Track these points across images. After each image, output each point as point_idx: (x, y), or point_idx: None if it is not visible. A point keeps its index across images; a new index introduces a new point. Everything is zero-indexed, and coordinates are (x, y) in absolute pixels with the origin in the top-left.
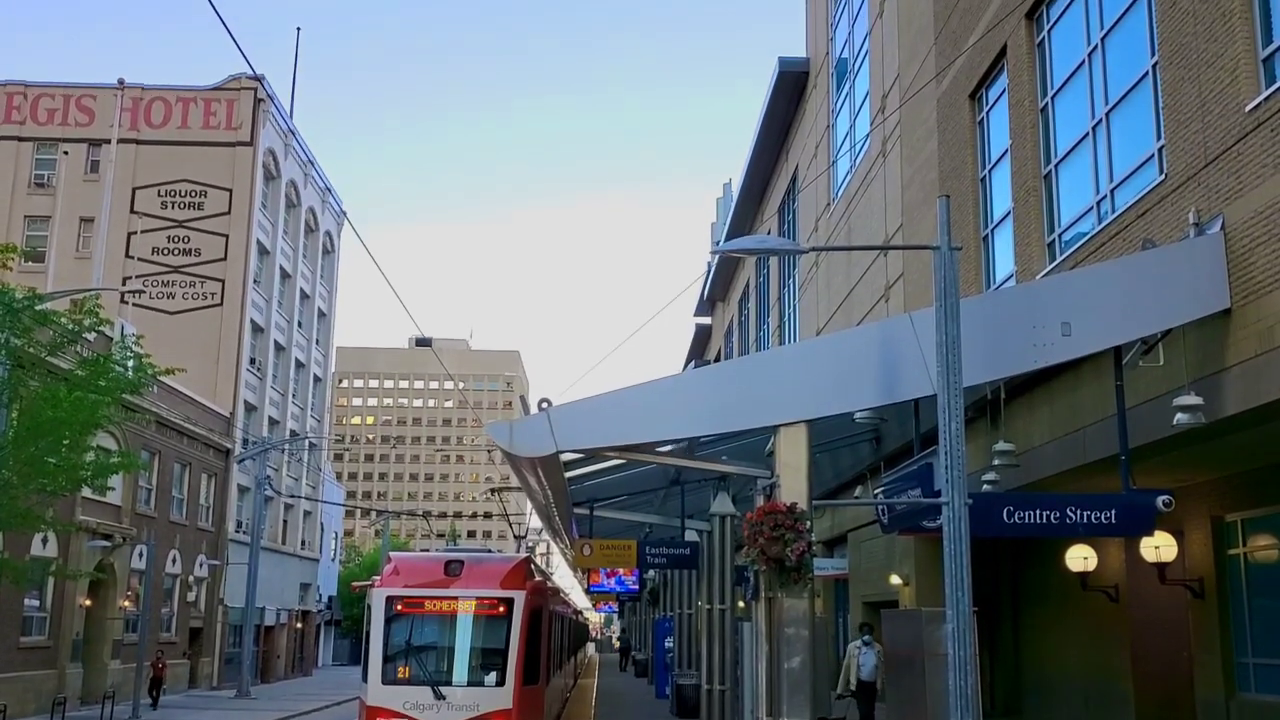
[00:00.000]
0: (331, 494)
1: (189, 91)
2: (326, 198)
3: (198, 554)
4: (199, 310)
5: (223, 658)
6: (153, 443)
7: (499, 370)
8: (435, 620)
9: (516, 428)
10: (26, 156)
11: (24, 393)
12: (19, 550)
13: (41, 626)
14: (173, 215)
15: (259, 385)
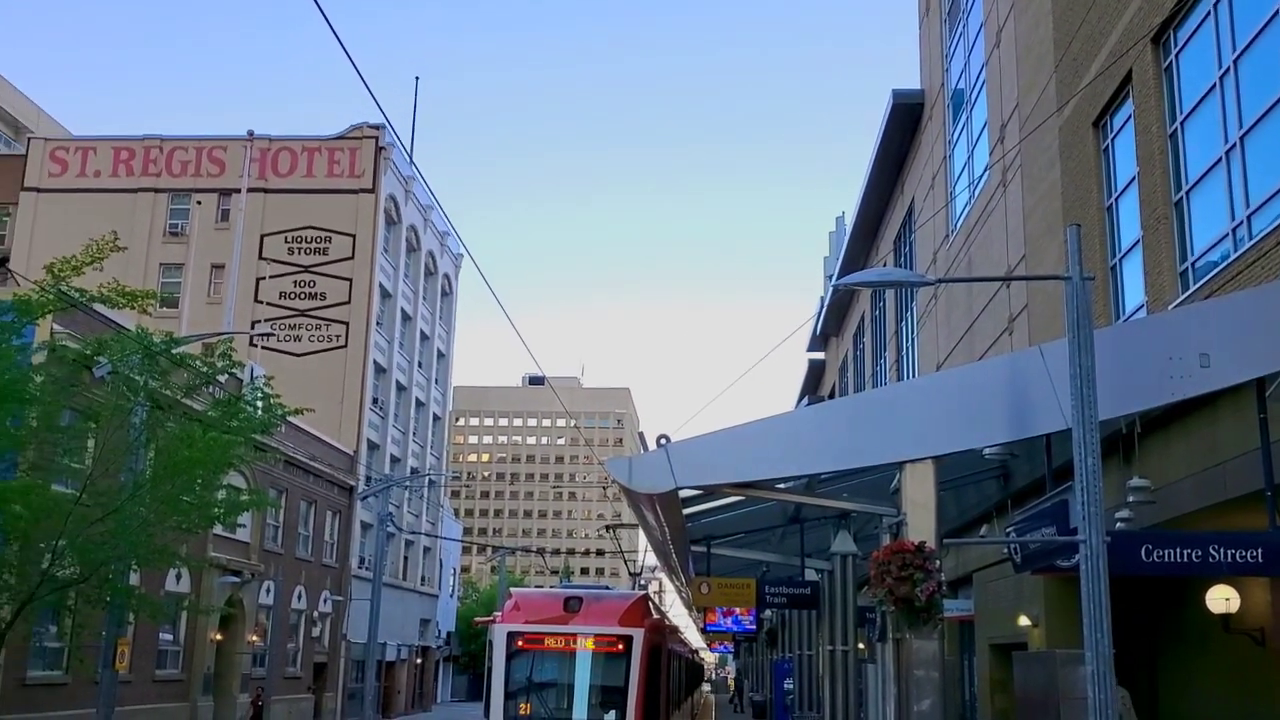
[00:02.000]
0: (450, 530)
1: (314, 141)
2: (445, 241)
3: (322, 590)
4: (324, 352)
5: (346, 693)
6: (280, 481)
7: (610, 407)
8: (555, 657)
9: (635, 464)
10: (162, 207)
11: (161, 433)
12: (154, 586)
13: (175, 660)
14: (299, 261)
15: (381, 424)
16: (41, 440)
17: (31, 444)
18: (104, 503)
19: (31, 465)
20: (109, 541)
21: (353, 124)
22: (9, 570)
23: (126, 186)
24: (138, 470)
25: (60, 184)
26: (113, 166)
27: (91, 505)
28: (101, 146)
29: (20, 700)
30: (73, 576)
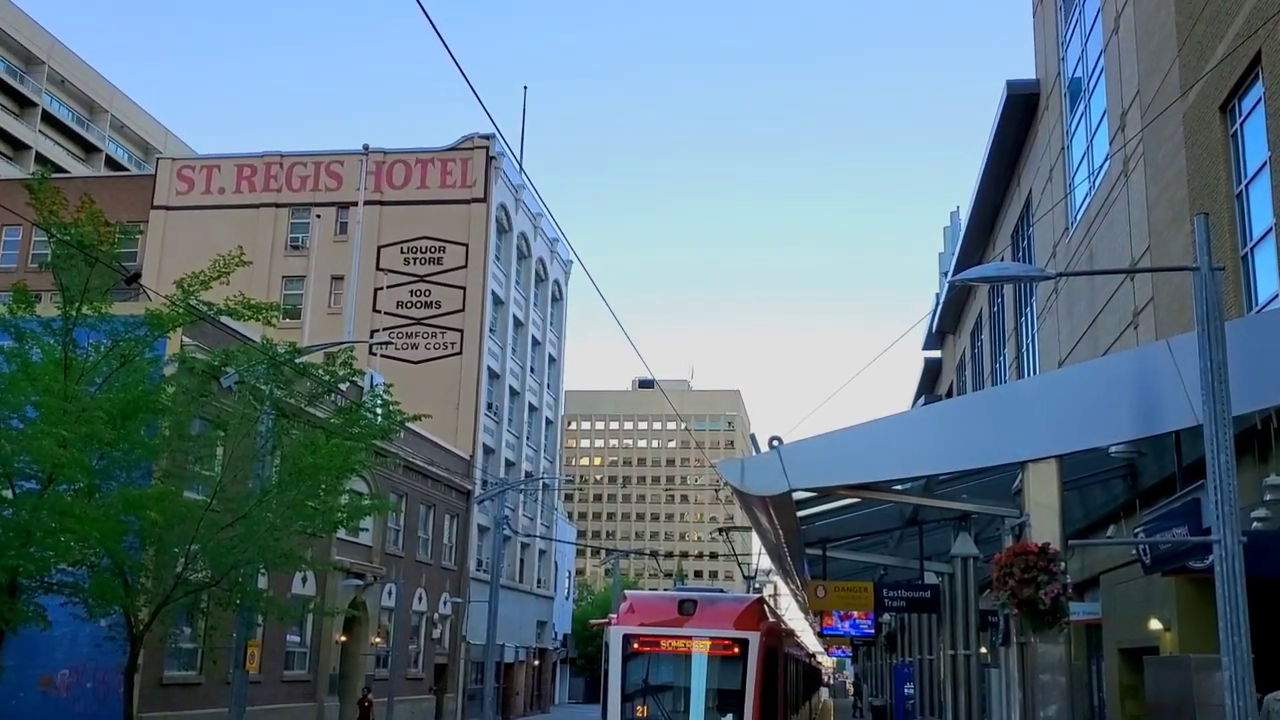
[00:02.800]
0: (564, 533)
1: (426, 153)
2: (554, 248)
3: (442, 592)
4: (440, 359)
5: (466, 694)
6: (400, 485)
7: (720, 410)
8: (671, 660)
9: (748, 466)
10: (283, 221)
11: (286, 441)
12: (282, 589)
13: (303, 661)
14: (414, 270)
15: (496, 429)
16: (174, 449)
17: (165, 453)
18: (233, 508)
19: (165, 473)
20: (239, 546)
21: (464, 135)
22: (146, 574)
23: (249, 202)
24: (265, 476)
25: (187, 202)
26: (236, 183)
27: (222, 511)
28: (225, 164)
29: (158, 699)
30: (205, 580)
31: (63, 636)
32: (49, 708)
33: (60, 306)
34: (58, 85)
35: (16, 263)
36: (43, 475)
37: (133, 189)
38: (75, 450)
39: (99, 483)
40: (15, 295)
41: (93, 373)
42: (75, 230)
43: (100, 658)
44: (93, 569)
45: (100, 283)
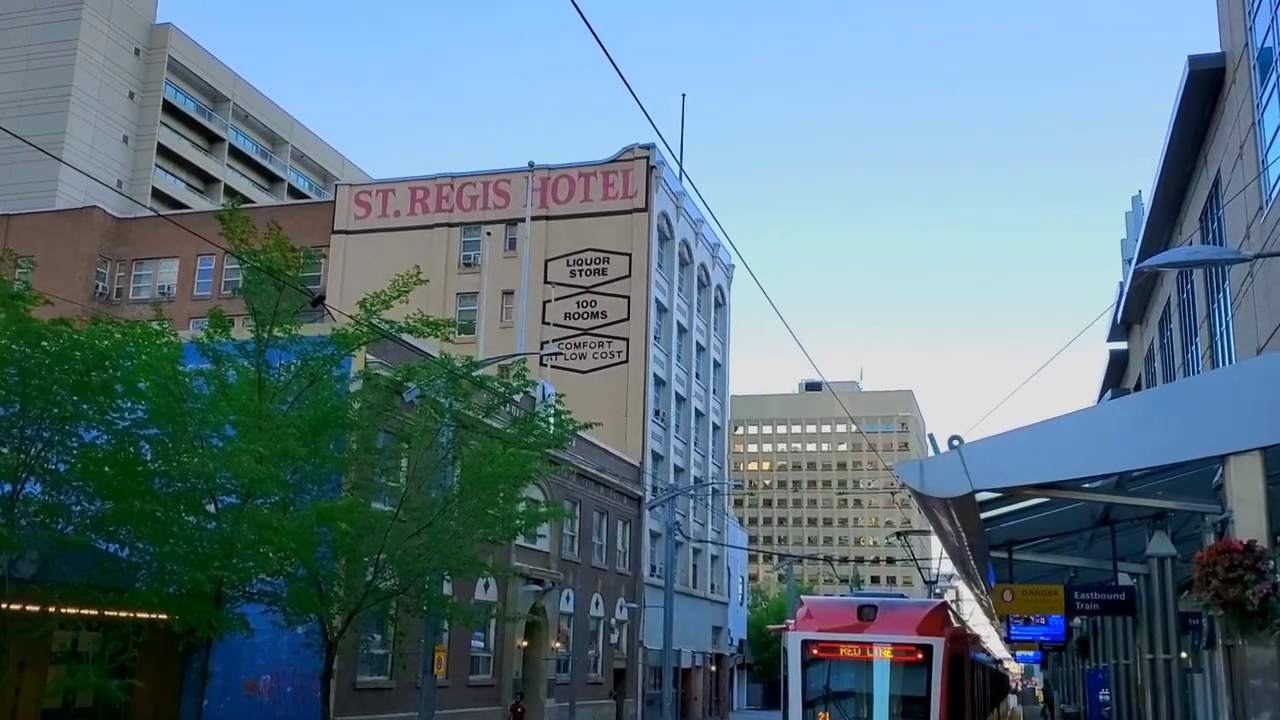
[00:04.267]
0: (735, 538)
1: (589, 167)
2: (716, 253)
3: (617, 597)
4: (607, 368)
5: (644, 699)
6: (574, 493)
7: (892, 411)
8: (852, 666)
9: (927, 467)
10: (456, 240)
11: (466, 451)
12: (465, 595)
13: (486, 666)
14: (580, 282)
15: (664, 435)
16: (361, 462)
17: (353, 466)
18: (418, 518)
19: (353, 485)
20: (424, 554)
21: (624, 146)
22: (339, 583)
23: (423, 223)
24: (446, 486)
25: (364, 225)
26: (410, 206)
27: (407, 520)
28: (399, 188)
29: (353, 703)
30: (393, 587)
31: (264, 644)
32: (253, 711)
33: (253, 330)
34: (242, 120)
35: (211, 290)
36: (242, 490)
37: (314, 215)
38: (271, 466)
39: (293, 496)
40: (212, 320)
41: (284, 392)
42: (265, 257)
43: (299, 663)
44: (289, 578)
45: (289, 306)
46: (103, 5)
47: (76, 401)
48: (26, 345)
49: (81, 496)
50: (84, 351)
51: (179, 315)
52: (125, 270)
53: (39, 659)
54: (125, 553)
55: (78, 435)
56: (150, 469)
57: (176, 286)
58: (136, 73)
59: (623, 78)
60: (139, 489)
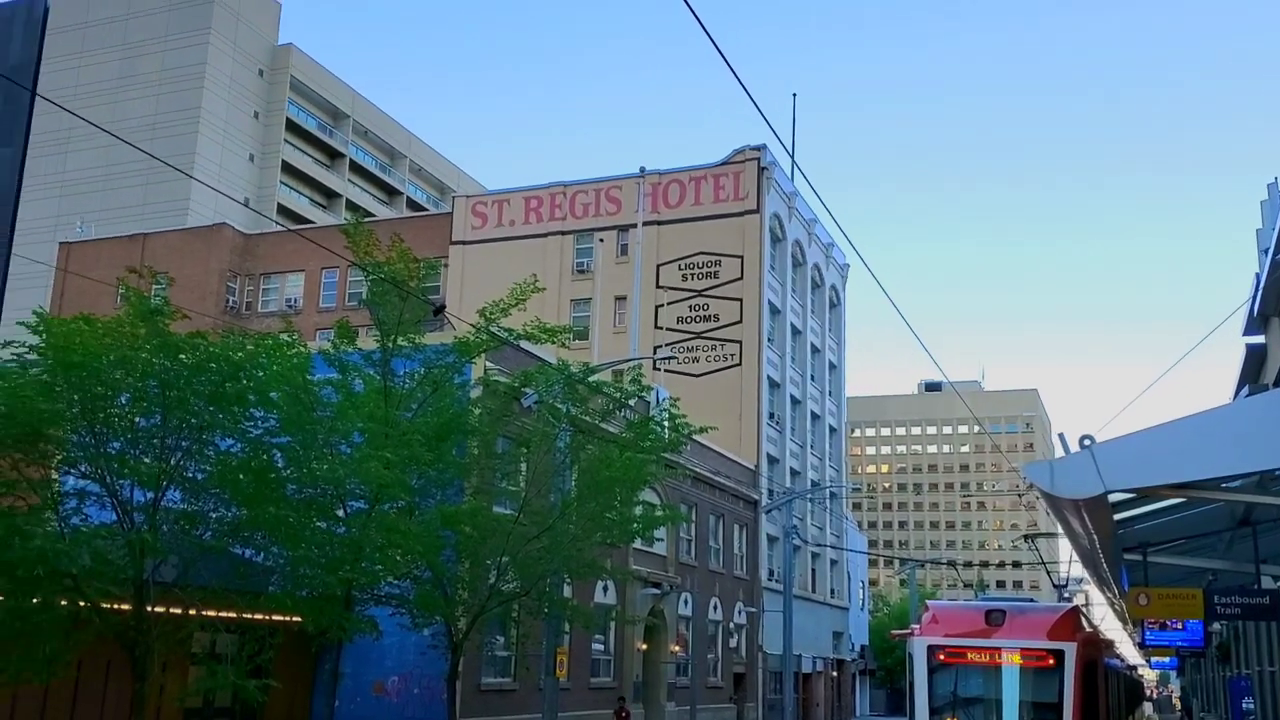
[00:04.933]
0: (854, 542)
1: (699, 170)
2: (829, 253)
3: (735, 601)
4: (720, 371)
5: (765, 704)
6: (689, 496)
7: (1016, 411)
8: (980, 672)
9: (1057, 468)
10: (569, 247)
11: (583, 455)
12: (585, 598)
13: (607, 668)
14: (692, 286)
15: (779, 438)
16: (482, 467)
17: (474, 470)
18: (538, 521)
19: (475, 490)
20: (545, 556)
21: (735, 149)
22: (463, 585)
23: (537, 232)
24: (565, 490)
25: (481, 235)
26: (524, 215)
27: (528, 524)
28: (514, 198)
29: (478, 705)
30: (515, 590)
31: (391, 645)
32: (382, 711)
33: (378, 339)
34: (361, 136)
35: (335, 302)
36: (370, 495)
37: (432, 227)
38: (397, 471)
39: (418, 500)
40: (338, 331)
41: (408, 399)
42: (389, 269)
43: (425, 665)
44: (416, 581)
45: (412, 315)
46: (228, 29)
47: (213, 411)
48: (166, 358)
49: (219, 503)
50: (219, 363)
51: (305, 327)
52: (254, 284)
53: (180, 660)
54: (260, 557)
55: (214, 444)
56: (283, 476)
57: (302, 299)
58: (260, 93)
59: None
60: (272, 495)
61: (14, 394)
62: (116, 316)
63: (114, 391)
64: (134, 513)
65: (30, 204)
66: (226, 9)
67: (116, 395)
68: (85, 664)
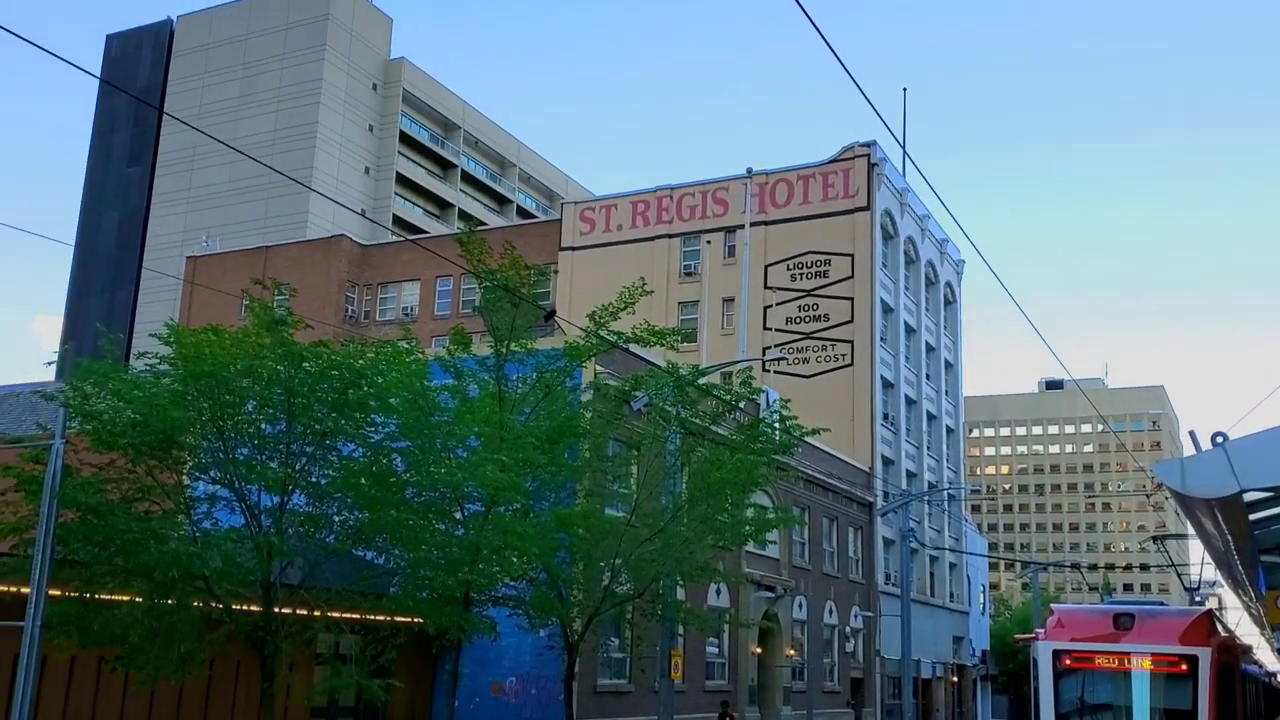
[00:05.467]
0: (974, 545)
1: (807, 169)
2: (944, 249)
3: (851, 605)
4: (832, 372)
5: (884, 709)
6: (802, 499)
7: (1141, 409)
8: (1108, 678)
9: (1189, 466)
10: (676, 250)
11: (693, 458)
12: (698, 600)
13: (721, 671)
14: (802, 286)
15: (893, 439)
16: (594, 469)
17: (587, 473)
18: (650, 523)
19: (588, 492)
20: (657, 559)
21: (844, 145)
22: (577, 587)
23: (644, 236)
24: (676, 493)
25: (589, 240)
26: (631, 219)
27: (640, 526)
28: (621, 203)
29: (594, 706)
30: (629, 592)
31: (509, 646)
32: (500, 712)
33: (491, 345)
34: (472, 146)
35: (449, 309)
36: (486, 498)
37: (541, 234)
38: (512, 474)
39: (532, 503)
40: (453, 338)
41: (522, 403)
42: (501, 275)
43: (542, 666)
44: (532, 583)
45: (523, 321)
46: (342, 45)
47: (335, 418)
48: (290, 367)
49: (342, 507)
50: (341, 371)
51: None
52: (372, 294)
53: (306, 660)
54: (382, 559)
55: (337, 450)
56: (403, 480)
57: (418, 307)
58: (374, 107)
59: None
60: (393, 499)
61: (149, 403)
62: (243, 327)
63: (241, 399)
64: (261, 516)
65: (159, 220)
66: (340, 26)
67: (244, 403)
68: (217, 664)
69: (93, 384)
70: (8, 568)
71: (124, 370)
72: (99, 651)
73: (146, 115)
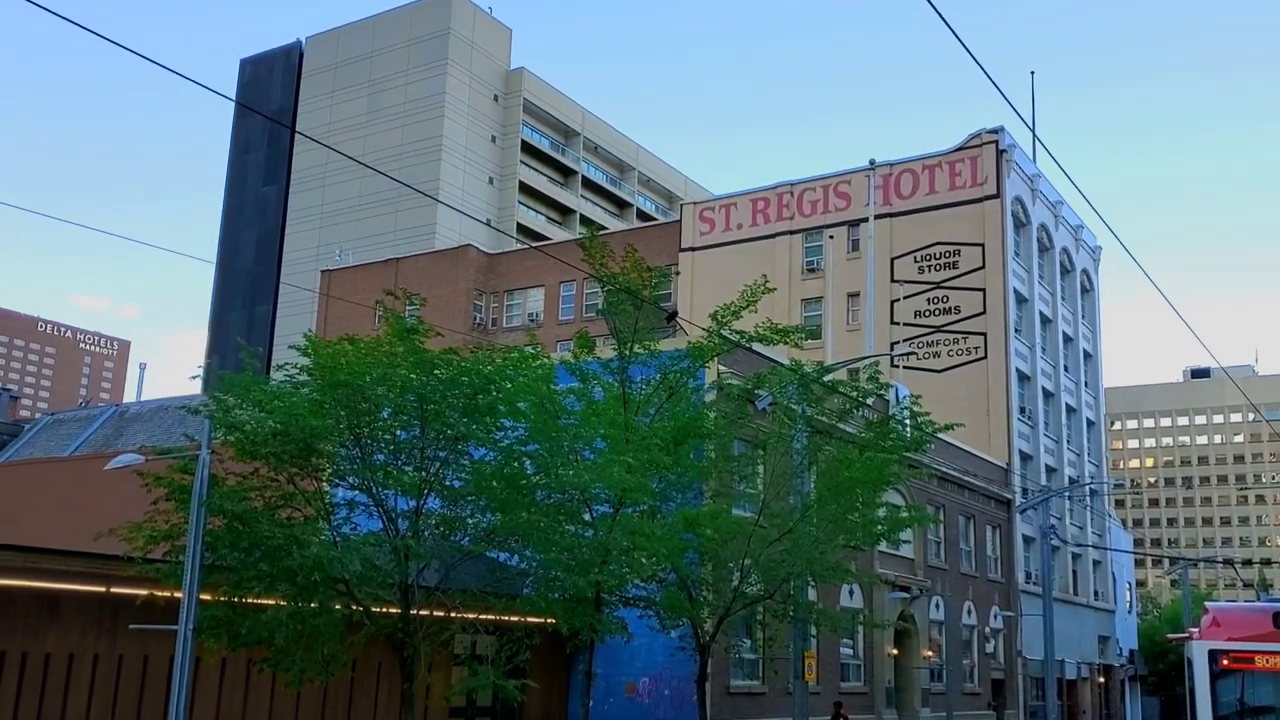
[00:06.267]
0: (1119, 541)
1: (932, 158)
2: (1079, 236)
3: (990, 605)
4: (964, 365)
5: (1027, 711)
6: (936, 497)
7: None
8: (1269, 679)
9: None
10: (798, 247)
11: (821, 457)
12: (830, 601)
13: (857, 673)
14: (930, 278)
15: (1031, 434)
16: (720, 470)
17: (712, 473)
18: (778, 524)
19: (714, 492)
20: (787, 559)
21: (970, 133)
22: (707, 588)
23: (765, 233)
24: (804, 492)
25: (709, 241)
26: (751, 217)
27: (768, 526)
28: (740, 201)
29: (727, 707)
30: (759, 592)
31: (640, 647)
32: (634, 712)
33: (615, 348)
34: (592, 152)
35: (573, 314)
36: (614, 499)
37: (662, 236)
38: (638, 475)
39: (659, 504)
40: (578, 342)
41: (646, 405)
42: (623, 279)
43: (674, 666)
44: (661, 583)
45: (646, 323)
46: (463, 58)
47: (466, 423)
48: (422, 374)
49: (475, 509)
50: (471, 377)
51: (546, 339)
52: (498, 301)
53: (444, 661)
54: (515, 561)
55: (469, 454)
56: (532, 482)
57: (543, 312)
58: (496, 117)
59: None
60: (523, 501)
61: (289, 413)
62: (376, 337)
63: (377, 407)
64: (398, 520)
65: (294, 236)
66: (461, 39)
67: (379, 410)
68: (359, 665)
69: (235, 396)
70: (162, 574)
71: (265, 382)
72: (248, 653)
73: (280, 135)
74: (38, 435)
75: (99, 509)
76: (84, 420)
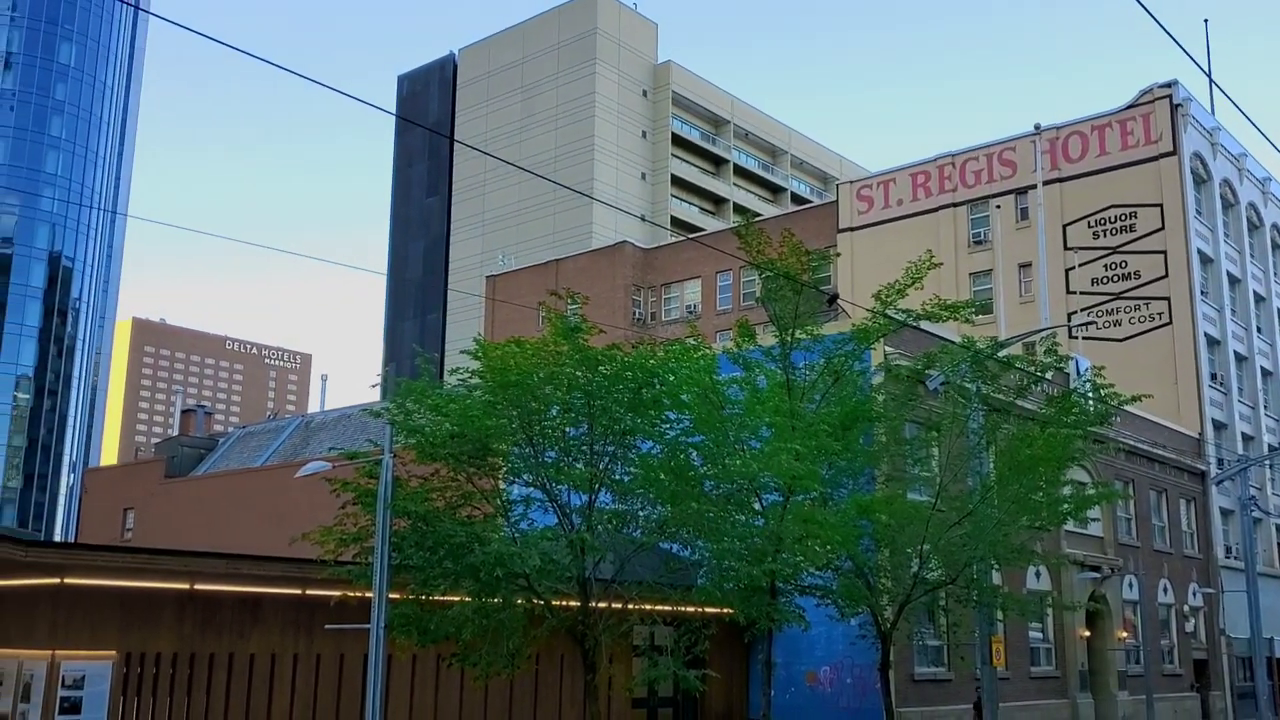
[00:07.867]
0: None
1: (1101, 118)
2: (1266, 189)
3: (1188, 582)
4: (1148, 333)
5: (1234, 692)
6: (1124, 472)
7: None
8: None
9: None
10: (963, 219)
11: (999, 435)
12: (1015, 584)
13: (1048, 657)
14: (1106, 243)
15: (1224, 401)
16: (892, 454)
17: (884, 458)
18: (957, 507)
19: (887, 477)
20: (968, 543)
21: (1140, 89)
22: (885, 574)
23: (926, 208)
24: (983, 474)
25: (867, 219)
26: (911, 192)
27: (946, 510)
28: (899, 176)
29: (912, 694)
30: (940, 578)
31: (819, 635)
32: (816, 701)
33: (776, 335)
34: (742, 139)
35: (731, 303)
36: (783, 488)
37: (818, 218)
38: (807, 462)
39: (830, 491)
40: (739, 330)
41: (811, 391)
42: (781, 264)
43: (855, 655)
44: (837, 571)
45: (807, 308)
46: (611, 56)
47: (632, 417)
48: (588, 371)
49: (645, 502)
50: (634, 372)
51: (705, 330)
52: (656, 295)
53: (624, 652)
54: (687, 552)
55: (636, 447)
56: (700, 473)
57: (700, 304)
58: (645, 112)
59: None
60: (692, 492)
61: (463, 415)
62: (541, 337)
63: (546, 405)
64: (572, 515)
65: (458, 244)
66: (608, 38)
67: (548, 409)
68: (543, 659)
69: (413, 401)
70: (353, 575)
71: (439, 386)
72: (436, 649)
73: (439, 147)
74: (231, 448)
75: (291, 514)
76: (273, 431)
